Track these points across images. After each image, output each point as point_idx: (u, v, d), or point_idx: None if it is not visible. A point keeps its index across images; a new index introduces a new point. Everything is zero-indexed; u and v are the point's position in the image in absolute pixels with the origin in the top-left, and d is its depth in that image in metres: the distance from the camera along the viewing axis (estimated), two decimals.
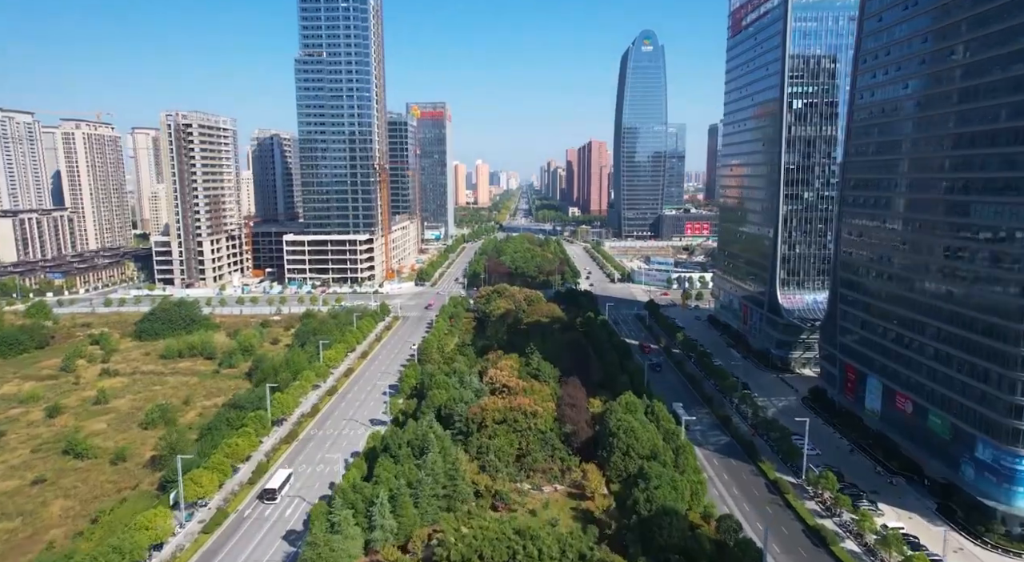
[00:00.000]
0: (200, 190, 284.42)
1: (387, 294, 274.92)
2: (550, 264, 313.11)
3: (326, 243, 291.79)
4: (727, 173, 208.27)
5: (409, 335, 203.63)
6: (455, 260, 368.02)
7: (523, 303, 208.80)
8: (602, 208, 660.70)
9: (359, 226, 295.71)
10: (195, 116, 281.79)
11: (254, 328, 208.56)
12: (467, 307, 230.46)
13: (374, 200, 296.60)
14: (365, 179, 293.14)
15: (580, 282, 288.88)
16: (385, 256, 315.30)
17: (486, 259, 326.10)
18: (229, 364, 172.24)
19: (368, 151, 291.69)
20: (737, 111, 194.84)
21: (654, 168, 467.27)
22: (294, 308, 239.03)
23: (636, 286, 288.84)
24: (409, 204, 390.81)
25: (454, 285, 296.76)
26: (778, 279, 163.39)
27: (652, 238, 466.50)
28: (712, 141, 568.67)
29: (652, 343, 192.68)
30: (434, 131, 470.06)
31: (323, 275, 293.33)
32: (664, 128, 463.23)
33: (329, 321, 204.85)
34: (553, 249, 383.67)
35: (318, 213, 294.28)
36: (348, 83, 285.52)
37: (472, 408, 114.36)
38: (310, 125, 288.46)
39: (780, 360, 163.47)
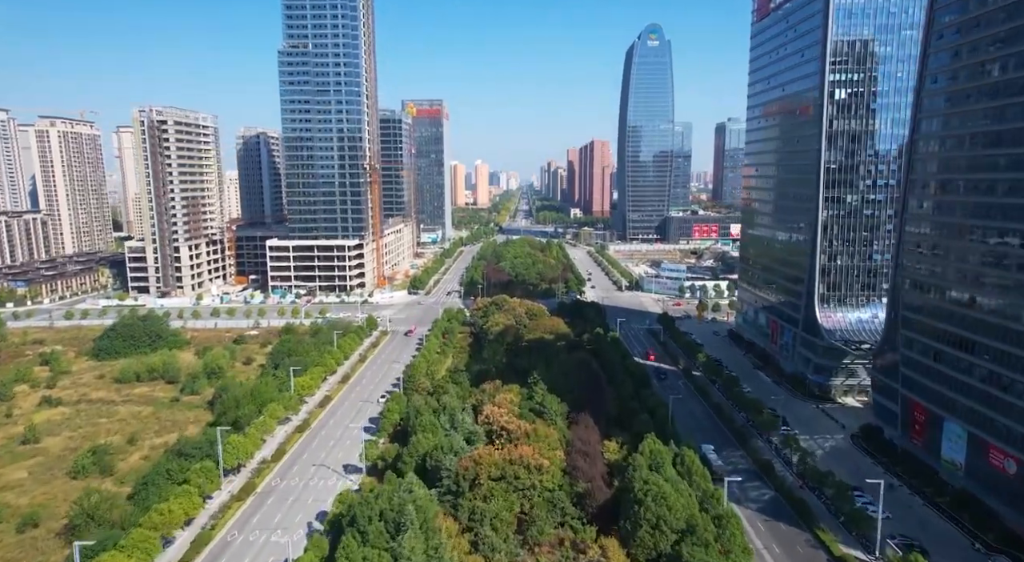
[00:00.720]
0: (177, 192, 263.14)
1: (377, 304, 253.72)
2: (552, 271, 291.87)
3: (312, 249, 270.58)
4: (751, 173, 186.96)
5: (398, 353, 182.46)
6: (452, 266, 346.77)
7: (524, 317, 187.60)
8: (604, 209, 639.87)
9: (348, 230, 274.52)
10: (171, 112, 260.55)
11: (227, 346, 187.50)
12: (463, 320, 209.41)
13: (364, 202, 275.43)
14: (355, 180, 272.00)
15: (585, 291, 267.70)
16: (377, 262, 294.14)
17: (484, 265, 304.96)
18: (192, 390, 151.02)
19: (358, 150, 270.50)
20: (763, 104, 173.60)
21: (660, 168, 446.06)
22: (274, 321, 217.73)
23: (645, 295, 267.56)
24: (404, 206, 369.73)
25: (450, 294, 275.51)
26: (816, 294, 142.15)
27: (658, 241, 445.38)
28: (719, 140, 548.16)
29: (666, 362, 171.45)
30: (431, 130, 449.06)
31: (309, 283, 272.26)
32: (670, 126, 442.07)
33: (308, 340, 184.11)
34: (555, 253, 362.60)
35: (304, 216, 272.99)
36: (336, 77, 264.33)
37: (463, 460, 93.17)
38: (295, 122, 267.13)
39: (819, 387, 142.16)
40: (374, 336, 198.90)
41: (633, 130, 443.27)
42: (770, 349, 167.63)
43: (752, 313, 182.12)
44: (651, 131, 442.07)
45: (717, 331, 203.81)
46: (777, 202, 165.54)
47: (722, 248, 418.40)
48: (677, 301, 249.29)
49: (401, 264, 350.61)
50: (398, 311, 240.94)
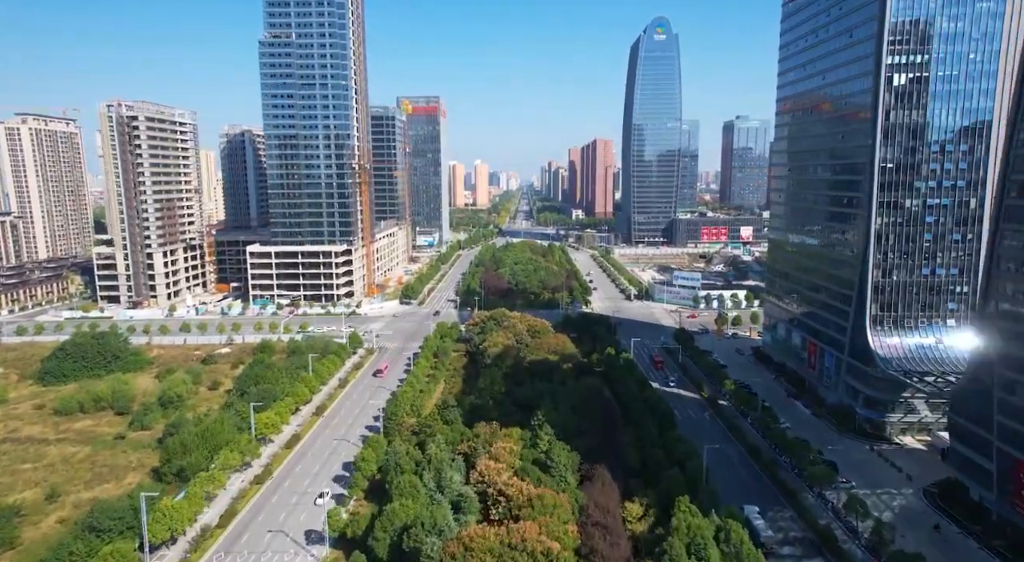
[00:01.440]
0: (149, 193, 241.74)
1: (365, 316, 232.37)
2: (555, 278, 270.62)
3: (297, 255, 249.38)
4: (780, 173, 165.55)
5: (384, 377, 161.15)
6: (448, 272, 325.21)
7: (525, 335, 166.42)
8: (607, 210, 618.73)
9: (335, 235, 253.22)
10: (143, 107, 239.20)
11: (191, 367, 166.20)
12: (458, 336, 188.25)
13: (353, 205, 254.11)
14: (342, 181, 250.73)
15: (591, 300, 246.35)
16: (367, 269, 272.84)
17: (483, 272, 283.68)
18: (142, 424, 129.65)
19: (346, 148, 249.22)
20: (797, 95, 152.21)
21: (667, 168, 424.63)
22: (250, 336, 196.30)
23: (657, 305, 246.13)
24: (397, 208, 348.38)
25: (445, 304, 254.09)
26: (867, 315, 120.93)
27: (664, 244, 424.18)
28: (727, 139, 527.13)
29: (688, 389, 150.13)
30: (427, 128, 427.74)
31: (294, 292, 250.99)
32: (678, 124, 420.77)
33: (281, 363, 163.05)
34: (558, 258, 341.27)
35: (288, 220, 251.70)
36: (322, 69, 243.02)
37: (449, 545, 71.99)
38: (277, 119, 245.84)
39: (870, 424, 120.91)
40: (358, 355, 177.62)
41: (639, 128, 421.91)
42: (806, 374, 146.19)
43: (783, 331, 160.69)
44: (658, 129, 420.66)
45: (740, 349, 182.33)
46: (815, 206, 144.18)
47: (733, 252, 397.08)
48: (692, 313, 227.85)
49: (395, 270, 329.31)
50: (388, 324, 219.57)
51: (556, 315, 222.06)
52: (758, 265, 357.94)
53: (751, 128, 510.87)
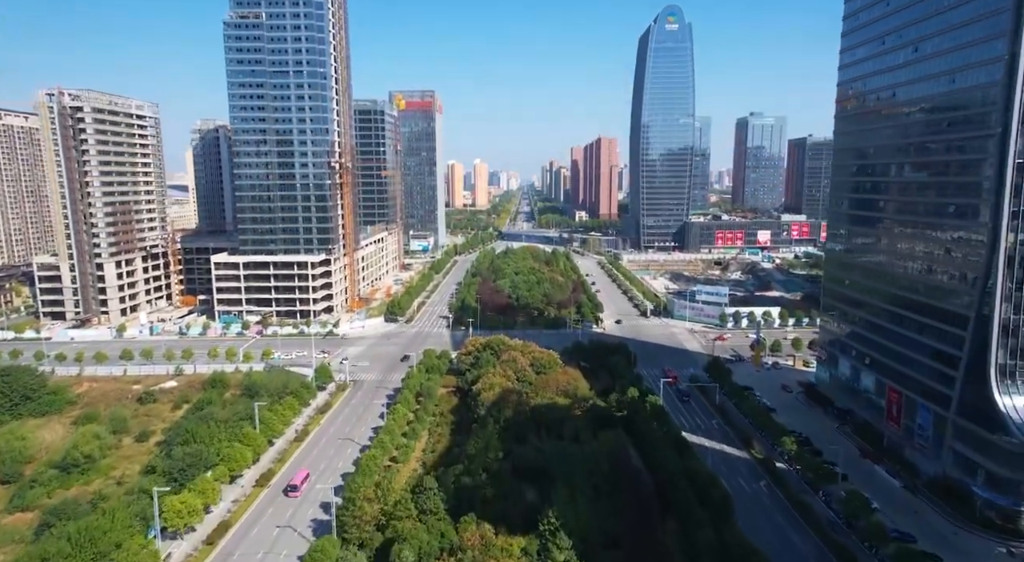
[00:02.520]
0: (98, 195, 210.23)
1: (344, 337, 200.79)
2: (561, 291, 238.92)
3: (268, 266, 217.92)
4: (845, 176, 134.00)
5: (354, 424, 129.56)
6: (442, 282, 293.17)
7: (528, 371, 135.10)
8: (612, 212, 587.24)
9: (312, 243, 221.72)
10: (90, 96, 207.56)
11: (122, 408, 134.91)
12: (448, 366, 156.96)
13: (332, 209, 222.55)
14: (320, 182, 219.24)
15: (602, 318, 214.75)
16: (349, 280, 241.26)
17: (479, 282, 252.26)
18: (21, 504, 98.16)
19: (323, 145, 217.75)
20: (873, 74, 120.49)
21: (678, 168, 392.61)
22: (204, 365, 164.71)
23: (677, 323, 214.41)
24: (387, 211, 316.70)
25: (436, 322, 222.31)
26: (992, 364, 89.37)
27: (676, 249, 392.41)
28: (740, 136, 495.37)
29: (733, 445, 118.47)
30: (422, 124, 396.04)
31: (265, 308, 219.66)
32: (691, 121, 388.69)
33: (234, 400, 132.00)
34: (562, 266, 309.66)
35: (258, 226, 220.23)
36: (296, 54, 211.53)
37: None
38: (245, 111, 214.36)
39: (998, 512, 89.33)
40: (327, 393, 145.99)
41: (648, 125, 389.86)
42: (886, 429, 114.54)
43: (848, 369, 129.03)
44: (669, 126, 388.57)
45: (787, 384, 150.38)
46: (902, 216, 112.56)
47: (750, 258, 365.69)
48: (720, 335, 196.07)
49: (384, 279, 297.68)
50: (368, 347, 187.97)
51: (563, 337, 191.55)
52: (780, 273, 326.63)
53: (766, 125, 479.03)
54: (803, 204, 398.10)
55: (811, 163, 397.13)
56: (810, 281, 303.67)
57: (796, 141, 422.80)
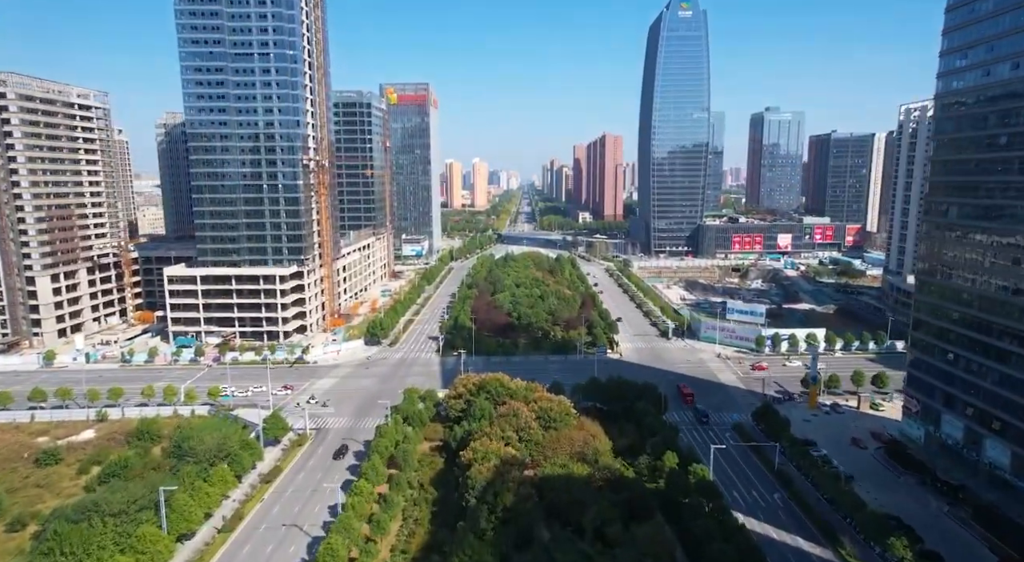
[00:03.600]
0: (28, 198, 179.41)
1: (315, 366, 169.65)
2: (568, 307, 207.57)
3: (230, 280, 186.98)
4: (949, 179, 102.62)
5: (303, 504, 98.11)
6: (434, 295, 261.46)
7: (534, 428, 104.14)
8: (617, 212, 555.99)
9: (282, 253, 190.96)
10: (17, 81, 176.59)
11: (10, 474, 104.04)
12: (434, 410, 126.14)
13: (306, 213, 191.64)
14: (291, 183, 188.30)
15: (618, 341, 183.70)
16: (327, 295, 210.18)
17: (475, 297, 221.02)
18: None
19: (294, 140, 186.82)
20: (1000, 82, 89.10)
21: (692, 166, 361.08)
22: (134, 409, 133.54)
23: (705, 346, 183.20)
24: (375, 214, 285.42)
25: (424, 344, 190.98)
26: None
27: (689, 254, 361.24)
28: (755, 133, 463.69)
29: (806, 537, 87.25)
30: (415, 120, 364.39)
31: (227, 328, 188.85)
32: (706, 115, 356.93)
33: (160, 460, 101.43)
34: (568, 274, 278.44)
35: (218, 233, 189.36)
36: (261, 34, 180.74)
37: None
38: (202, 100, 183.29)
39: None
40: (277, 452, 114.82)
41: (659, 120, 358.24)
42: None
43: (960, 432, 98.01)
44: (682, 121, 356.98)
45: (856, 436, 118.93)
46: None
47: (771, 264, 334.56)
48: (758, 364, 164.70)
49: (371, 290, 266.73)
50: (341, 380, 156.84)
51: (573, 365, 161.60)
52: (807, 282, 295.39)
53: (782, 121, 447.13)
54: (826, 206, 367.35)
55: (836, 161, 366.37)
56: (842, 291, 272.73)
57: (818, 138, 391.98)
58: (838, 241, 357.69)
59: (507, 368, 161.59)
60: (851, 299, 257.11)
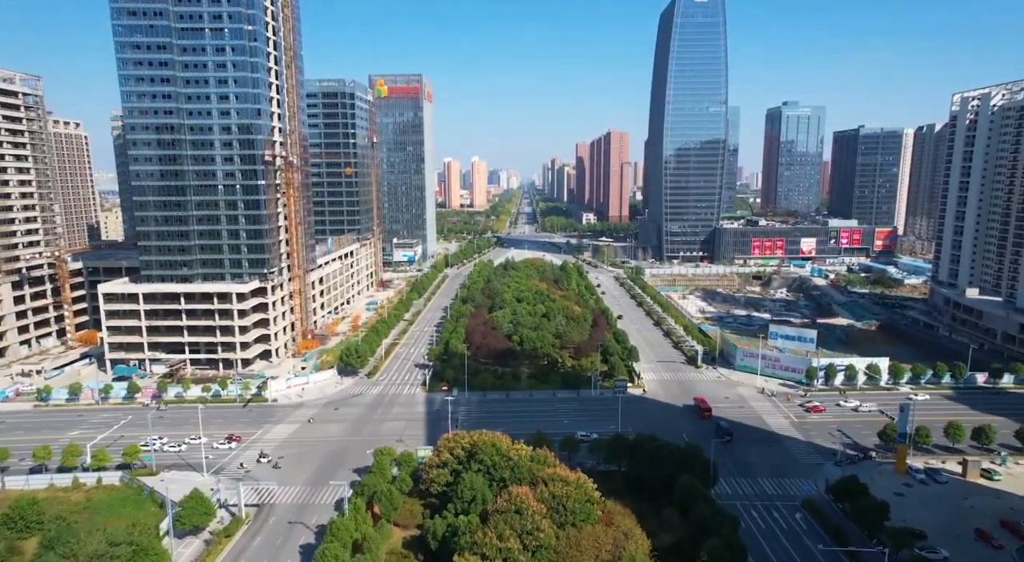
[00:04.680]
0: None
1: (275, 403, 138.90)
2: (579, 328, 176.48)
3: (178, 298, 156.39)
4: None
5: None
6: (424, 309, 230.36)
7: (545, 529, 73.17)
8: (623, 214, 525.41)
9: (241, 266, 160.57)
10: None
11: None
12: (411, 484, 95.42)
13: (269, 219, 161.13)
14: (251, 183, 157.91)
15: (639, 372, 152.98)
16: (298, 313, 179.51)
17: (470, 315, 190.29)
18: None
19: (255, 132, 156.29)
20: None
21: (707, 164, 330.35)
22: (18, 478, 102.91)
23: (742, 377, 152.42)
24: (360, 218, 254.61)
25: (408, 375, 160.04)
26: None
27: (705, 260, 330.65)
28: (771, 130, 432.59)
29: None
30: (408, 114, 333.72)
31: (176, 355, 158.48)
32: (723, 109, 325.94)
33: None
34: (576, 285, 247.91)
35: (164, 244, 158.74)
36: (213, 5, 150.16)
37: None
38: (143, 84, 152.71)
39: None
40: (191, 553, 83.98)
41: (673, 114, 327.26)
42: None
43: None
44: (697, 115, 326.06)
45: (981, 526, 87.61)
46: None
47: (796, 271, 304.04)
48: (813, 404, 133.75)
49: (355, 303, 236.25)
50: (303, 427, 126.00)
51: (587, 404, 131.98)
52: (838, 292, 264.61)
53: (801, 117, 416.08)
54: (852, 207, 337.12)
55: (864, 159, 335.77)
56: (881, 304, 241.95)
57: (843, 134, 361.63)
58: (866, 246, 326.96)
59: (506, 410, 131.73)
60: (894, 314, 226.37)
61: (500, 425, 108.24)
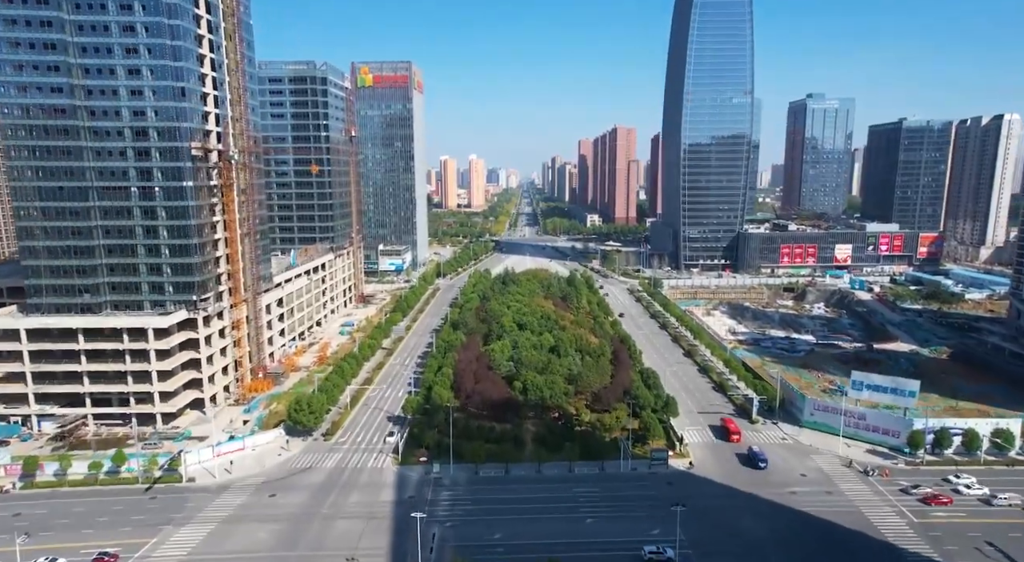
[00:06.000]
0: None
1: (191, 486, 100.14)
2: (597, 369, 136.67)
3: (75, 335, 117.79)
4: None
5: None
6: (407, 335, 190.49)
7: None
8: (629, 215, 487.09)
9: (163, 292, 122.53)
10: None
11: None
12: None
13: (200, 231, 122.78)
14: (174, 185, 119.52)
15: (681, 434, 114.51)
16: (244, 347, 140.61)
17: (461, 346, 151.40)
18: None
19: (180, 118, 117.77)
20: None
21: (730, 162, 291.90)
22: None
23: (811, 435, 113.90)
24: (333, 223, 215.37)
25: (379, 431, 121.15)
26: None
27: (727, 269, 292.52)
28: (795, 124, 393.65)
29: None
30: (395, 106, 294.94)
31: (74, 409, 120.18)
32: (748, 100, 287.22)
33: None
34: (587, 302, 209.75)
35: (59, 264, 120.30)
36: None
37: None
38: (18, 50, 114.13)
39: None
40: None
41: (692, 106, 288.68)
42: None
43: None
44: (720, 107, 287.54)
45: None
46: None
47: (833, 283, 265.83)
48: (932, 493, 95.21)
49: (326, 325, 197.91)
50: (214, 534, 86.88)
51: (616, 488, 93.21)
52: (887, 308, 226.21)
53: (828, 110, 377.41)
54: (892, 209, 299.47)
55: (907, 155, 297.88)
56: (944, 324, 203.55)
57: (880, 128, 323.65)
58: (908, 253, 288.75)
59: (506, 499, 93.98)
60: (966, 338, 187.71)
61: (498, 527, 70.64)
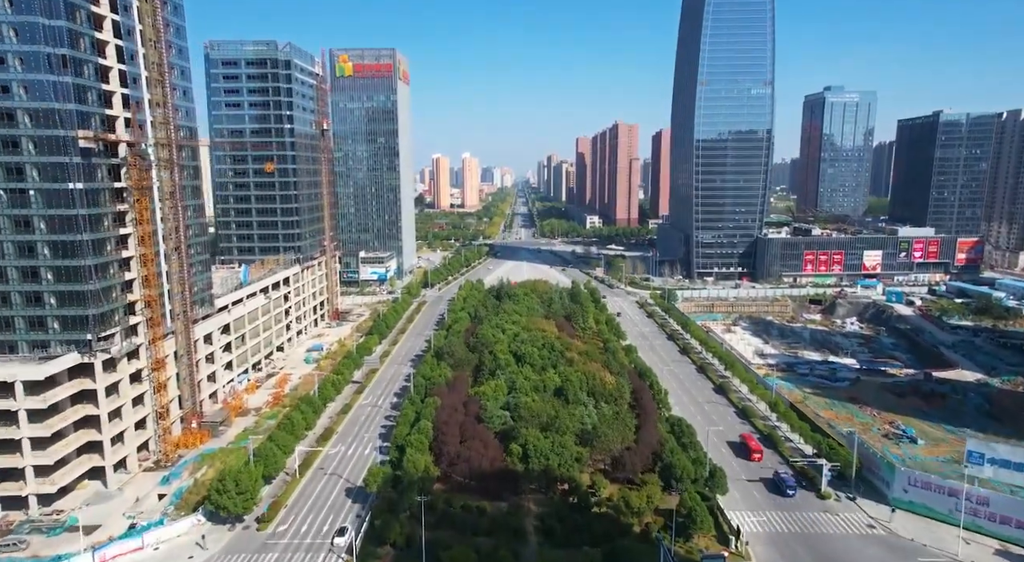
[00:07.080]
0: None
1: None
2: (618, 426, 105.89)
3: None
4: None
5: None
6: (381, 367, 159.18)
7: None
8: (631, 217, 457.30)
9: (45, 330, 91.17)
10: None
11: None
12: None
13: (92, 248, 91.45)
14: (56, 190, 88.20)
15: (730, 518, 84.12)
16: (164, 395, 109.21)
17: (446, 385, 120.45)
18: None
19: (61, 98, 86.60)
20: None
21: (748, 160, 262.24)
22: None
23: (908, 520, 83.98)
24: (299, 230, 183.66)
25: (331, 518, 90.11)
26: None
27: (744, 277, 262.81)
28: (811, 119, 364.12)
29: None
30: (378, 98, 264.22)
31: None
32: (769, 91, 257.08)
33: None
34: (594, 321, 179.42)
35: None
36: None
37: None
38: None
39: None
40: None
41: (707, 97, 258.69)
42: None
43: None
44: (737, 100, 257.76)
45: None
46: None
47: (864, 293, 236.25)
48: None
49: (291, 349, 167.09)
50: None
51: None
52: (935, 326, 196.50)
53: (848, 104, 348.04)
54: (927, 212, 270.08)
55: (943, 152, 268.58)
56: (1006, 345, 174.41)
57: (911, 122, 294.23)
58: (945, 259, 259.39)
59: None
60: None
61: None
